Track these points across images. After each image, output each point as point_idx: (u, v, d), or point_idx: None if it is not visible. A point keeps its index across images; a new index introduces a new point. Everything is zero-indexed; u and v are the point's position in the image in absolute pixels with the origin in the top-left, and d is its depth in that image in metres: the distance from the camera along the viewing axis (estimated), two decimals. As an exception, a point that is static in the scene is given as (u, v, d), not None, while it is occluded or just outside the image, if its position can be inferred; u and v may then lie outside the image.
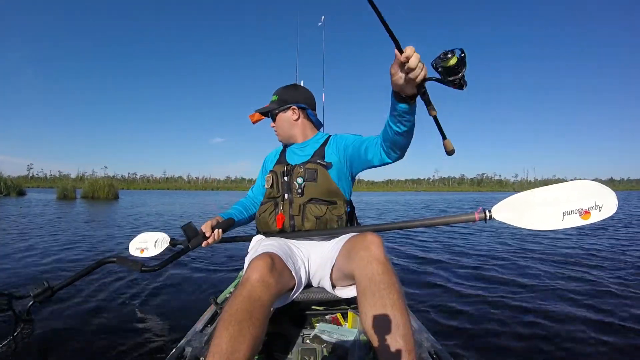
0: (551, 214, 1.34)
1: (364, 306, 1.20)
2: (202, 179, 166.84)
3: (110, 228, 7.80)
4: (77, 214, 11.42)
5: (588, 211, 1.29)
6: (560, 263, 4.16)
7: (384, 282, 1.20)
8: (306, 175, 1.66)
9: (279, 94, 1.84)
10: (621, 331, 2.26)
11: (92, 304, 2.78)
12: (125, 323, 2.42)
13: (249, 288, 1.21)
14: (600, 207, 1.27)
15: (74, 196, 21.03)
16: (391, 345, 1.08)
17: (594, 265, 4.08)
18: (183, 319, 2.40)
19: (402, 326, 1.11)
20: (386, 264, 1.25)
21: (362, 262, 1.27)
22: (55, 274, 3.67)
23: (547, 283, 3.29)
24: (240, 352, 1.05)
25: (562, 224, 1.31)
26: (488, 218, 1.41)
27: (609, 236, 6.46)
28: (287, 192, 1.70)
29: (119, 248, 5.34)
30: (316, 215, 1.63)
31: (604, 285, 3.22)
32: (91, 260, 4.34)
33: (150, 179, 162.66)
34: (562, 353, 2.02)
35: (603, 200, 1.27)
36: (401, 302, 1.16)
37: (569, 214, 1.31)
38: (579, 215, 1.30)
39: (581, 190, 1.33)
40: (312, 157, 1.74)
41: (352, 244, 1.40)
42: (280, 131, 1.86)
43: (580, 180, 1.36)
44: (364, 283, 1.23)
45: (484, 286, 3.26)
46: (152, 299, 2.96)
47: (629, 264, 4.15)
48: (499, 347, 2.10)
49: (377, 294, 1.18)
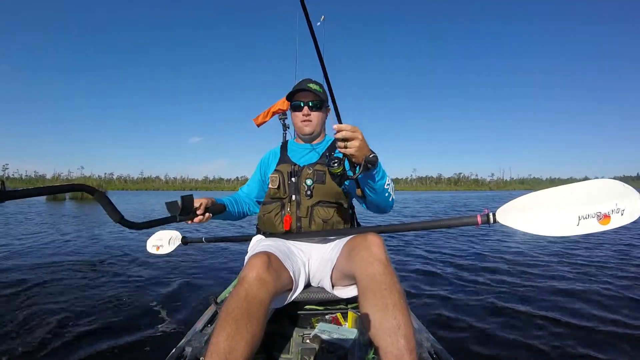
0: (565, 218, 1.19)
1: (365, 306, 1.20)
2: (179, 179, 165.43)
3: (108, 227, 7.72)
4: (77, 215, 11.24)
5: (608, 215, 1.12)
6: (563, 264, 4.11)
7: (386, 282, 1.20)
8: (315, 177, 1.63)
9: (322, 88, 1.74)
10: (627, 335, 2.23)
11: (92, 303, 2.78)
12: (125, 323, 2.43)
13: (246, 287, 1.19)
14: (622, 210, 1.11)
15: (63, 197, 20.52)
16: (392, 345, 1.08)
17: (601, 266, 4.00)
18: (183, 319, 2.44)
19: (403, 326, 1.11)
20: (387, 264, 1.25)
21: (363, 263, 1.27)
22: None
23: (547, 283, 3.31)
24: (238, 350, 1.04)
25: (577, 230, 1.16)
26: (492, 222, 1.29)
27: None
28: (294, 194, 1.66)
29: (120, 244, 5.31)
30: (324, 218, 1.61)
31: (608, 288, 3.16)
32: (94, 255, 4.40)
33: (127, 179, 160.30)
34: (562, 353, 2.02)
35: (625, 203, 1.12)
36: (402, 303, 1.16)
37: (586, 218, 1.15)
38: (597, 219, 1.14)
39: (600, 190, 1.17)
40: (321, 158, 1.72)
41: (354, 245, 1.39)
42: (316, 124, 1.75)
43: (599, 179, 1.18)
44: (365, 283, 1.23)
45: (484, 287, 3.28)
46: (152, 298, 2.95)
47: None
48: (499, 347, 2.09)
49: (378, 294, 1.18)
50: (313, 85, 1.71)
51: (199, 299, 2.91)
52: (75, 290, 3.13)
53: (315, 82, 1.75)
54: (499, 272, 3.79)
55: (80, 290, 3.12)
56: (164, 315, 2.56)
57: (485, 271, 3.82)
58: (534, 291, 3.08)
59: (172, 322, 2.43)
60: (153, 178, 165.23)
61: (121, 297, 2.97)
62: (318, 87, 1.72)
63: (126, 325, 2.38)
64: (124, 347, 2.07)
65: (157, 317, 2.55)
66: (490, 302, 2.82)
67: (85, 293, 3.05)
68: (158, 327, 2.36)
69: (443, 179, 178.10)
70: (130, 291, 3.12)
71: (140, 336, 2.21)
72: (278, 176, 1.69)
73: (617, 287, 3.15)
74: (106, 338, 2.19)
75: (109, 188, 40.35)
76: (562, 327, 2.34)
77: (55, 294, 3.02)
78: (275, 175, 1.70)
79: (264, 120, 3.39)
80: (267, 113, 3.45)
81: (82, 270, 3.86)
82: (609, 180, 1.17)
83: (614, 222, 1.11)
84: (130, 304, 2.82)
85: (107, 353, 2.02)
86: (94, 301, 2.84)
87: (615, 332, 2.27)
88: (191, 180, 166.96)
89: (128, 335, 2.23)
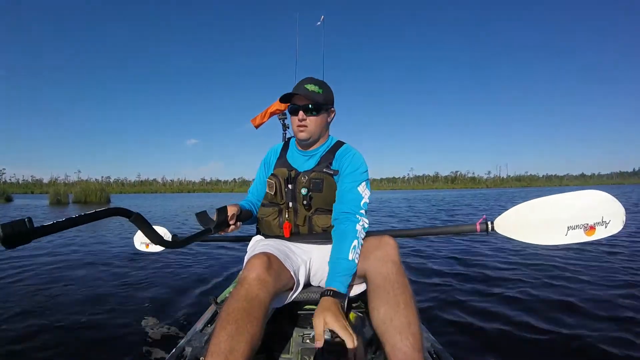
0: (555, 229, 1.26)
1: (376, 303, 1.23)
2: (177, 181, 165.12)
3: (108, 228, 7.71)
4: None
5: (593, 227, 1.20)
6: (564, 266, 4.02)
7: (399, 282, 1.24)
8: (311, 186, 1.57)
9: (323, 88, 1.62)
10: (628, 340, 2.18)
11: (92, 303, 2.79)
12: (125, 323, 2.42)
13: (246, 287, 1.20)
14: (606, 223, 1.19)
15: (67, 201, 20.46)
16: (401, 342, 1.11)
17: (604, 267, 3.94)
18: (183, 319, 2.44)
19: (413, 325, 1.14)
20: (400, 266, 1.30)
21: (378, 262, 1.31)
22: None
23: (548, 284, 3.28)
24: (238, 350, 1.04)
25: (565, 240, 1.24)
26: (490, 230, 1.38)
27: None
28: (291, 201, 1.62)
29: (120, 244, 5.20)
30: (323, 226, 1.59)
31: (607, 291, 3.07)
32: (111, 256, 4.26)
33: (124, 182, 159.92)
34: (562, 353, 2.02)
35: (610, 215, 1.18)
36: (413, 303, 1.20)
37: (574, 228, 1.23)
38: (583, 230, 1.22)
39: (589, 201, 1.24)
40: (319, 164, 1.64)
41: (368, 245, 1.42)
42: (314, 129, 1.61)
43: (588, 190, 1.26)
44: (379, 281, 1.26)
45: (485, 287, 3.27)
46: (152, 298, 2.95)
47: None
48: (499, 347, 2.08)
49: (391, 293, 1.21)
50: (311, 86, 1.58)
51: (199, 299, 2.90)
52: (75, 290, 3.13)
53: (315, 81, 1.62)
54: (500, 272, 3.76)
55: (80, 290, 3.13)
56: (164, 315, 2.56)
57: (486, 272, 3.80)
58: (535, 291, 3.05)
59: (172, 322, 2.42)
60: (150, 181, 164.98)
61: (121, 297, 2.97)
62: (317, 87, 1.59)
63: (126, 325, 2.37)
64: (124, 347, 2.06)
65: (157, 317, 2.54)
66: (490, 302, 2.82)
67: (85, 293, 3.05)
68: (158, 327, 2.36)
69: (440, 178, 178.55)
70: (130, 291, 3.12)
71: (141, 336, 2.21)
72: (275, 182, 1.64)
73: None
74: (106, 338, 2.19)
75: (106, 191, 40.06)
76: (563, 327, 2.32)
77: (54, 294, 3.03)
78: (272, 180, 1.65)
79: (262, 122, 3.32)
80: (264, 114, 3.42)
81: (81, 271, 3.86)
82: (599, 192, 1.25)
83: (598, 234, 1.20)
84: (129, 303, 2.81)
85: (107, 353, 2.02)
86: (93, 301, 2.84)
87: (617, 335, 2.22)
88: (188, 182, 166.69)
89: (128, 335, 2.23)
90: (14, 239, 0.85)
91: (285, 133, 3.17)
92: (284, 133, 3.18)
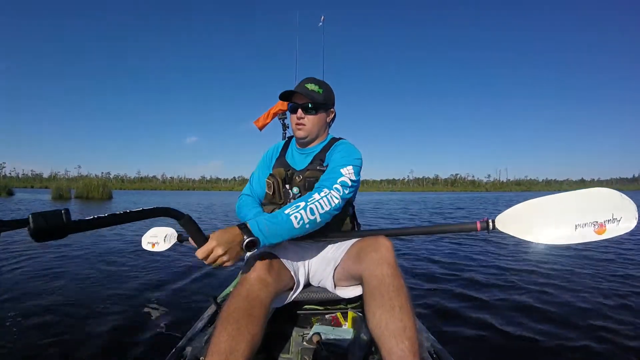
0: (562, 227, 1.20)
1: (371, 307, 1.21)
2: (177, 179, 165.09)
3: (116, 228, 7.41)
4: (81, 214, 11.14)
5: (604, 225, 1.14)
6: (564, 268, 4.03)
7: (394, 284, 1.20)
8: (306, 184, 1.56)
9: (324, 88, 1.63)
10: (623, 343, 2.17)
11: (91, 303, 2.78)
12: (125, 322, 2.42)
13: (247, 287, 1.20)
14: (618, 220, 1.12)
15: (69, 196, 20.39)
16: (397, 346, 1.09)
17: (604, 267, 3.93)
18: (183, 319, 2.42)
19: (408, 329, 1.12)
20: (396, 267, 1.26)
21: (372, 264, 1.27)
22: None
23: (549, 285, 3.30)
24: (239, 351, 1.04)
25: (574, 239, 1.18)
26: (491, 228, 1.31)
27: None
28: (289, 200, 1.61)
29: (120, 244, 5.22)
30: None
31: (607, 292, 3.09)
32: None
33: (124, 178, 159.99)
34: (561, 353, 2.02)
35: (622, 213, 1.12)
36: (408, 305, 1.18)
37: (582, 227, 1.17)
38: (593, 229, 1.15)
39: (598, 199, 1.18)
40: (312, 162, 1.63)
41: (363, 246, 1.39)
42: (312, 128, 1.61)
43: (596, 187, 1.20)
44: (374, 284, 1.23)
45: (485, 287, 3.28)
46: (152, 298, 2.95)
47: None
48: (499, 347, 2.09)
49: (386, 296, 1.18)
50: (312, 85, 1.60)
51: (199, 299, 2.90)
52: (75, 289, 3.13)
53: (316, 81, 1.64)
54: (500, 272, 3.79)
55: (80, 289, 3.12)
56: (164, 315, 2.56)
57: (486, 271, 3.82)
58: (535, 292, 3.07)
59: (172, 322, 2.42)
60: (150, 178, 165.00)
61: (121, 296, 2.97)
62: (318, 87, 1.60)
63: (126, 325, 2.37)
64: (123, 347, 2.06)
65: (157, 317, 2.54)
66: (490, 302, 2.83)
67: (85, 292, 3.04)
68: (158, 327, 2.36)
69: (440, 180, 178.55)
70: (130, 291, 3.12)
71: (140, 336, 2.21)
72: (273, 182, 1.64)
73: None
74: (106, 338, 2.18)
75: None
76: (564, 327, 2.34)
77: (54, 292, 3.02)
78: (270, 180, 1.65)
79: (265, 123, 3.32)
80: (267, 115, 3.43)
81: (81, 270, 3.85)
82: (607, 190, 1.18)
83: (609, 232, 1.13)
84: (129, 303, 2.81)
85: (107, 353, 2.02)
86: (93, 300, 2.83)
87: (617, 335, 2.24)
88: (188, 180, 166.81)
89: (128, 335, 2.22)
90: (47, 232, 0.74)
91: (285, 132, 3.18)
92: (284, 132, 3.20)
